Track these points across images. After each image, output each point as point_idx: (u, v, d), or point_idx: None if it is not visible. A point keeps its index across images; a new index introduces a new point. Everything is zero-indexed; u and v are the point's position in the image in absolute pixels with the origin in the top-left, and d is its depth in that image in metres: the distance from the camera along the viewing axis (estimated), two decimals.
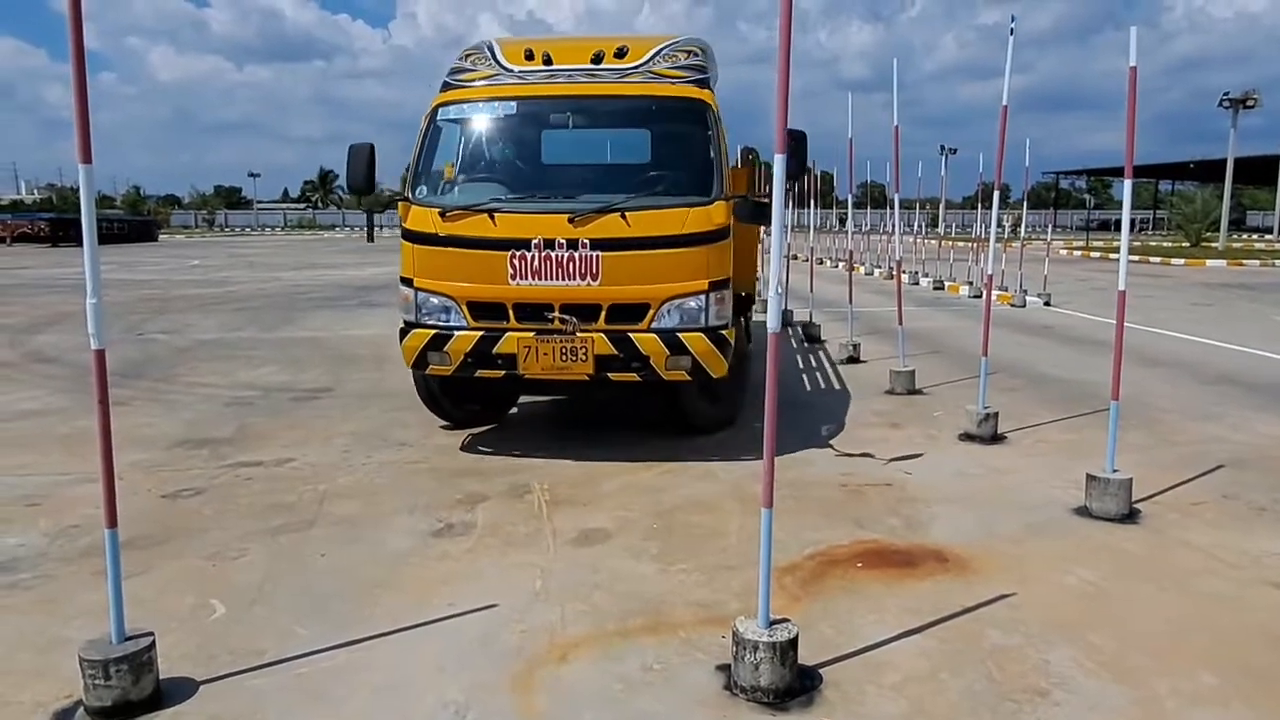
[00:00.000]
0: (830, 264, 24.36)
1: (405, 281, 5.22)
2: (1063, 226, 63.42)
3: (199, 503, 4.61)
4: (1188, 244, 36.70)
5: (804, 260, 15.84)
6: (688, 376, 5.11)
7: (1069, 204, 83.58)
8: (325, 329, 11.54)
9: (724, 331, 5.11)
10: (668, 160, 5.74)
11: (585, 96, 5.44)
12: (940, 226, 27.70)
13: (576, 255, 4.90)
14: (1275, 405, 6.92)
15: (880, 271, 21.76)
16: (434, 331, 5.11)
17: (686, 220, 4.98)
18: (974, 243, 19.71)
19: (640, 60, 5.44)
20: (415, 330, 5.17)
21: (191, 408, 6.90)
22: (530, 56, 5.51)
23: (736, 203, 5.15)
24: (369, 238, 47.45)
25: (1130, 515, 4.33)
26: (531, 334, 4.99)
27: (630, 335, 4.97)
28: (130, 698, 2.62)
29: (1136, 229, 59.64)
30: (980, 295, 14.64)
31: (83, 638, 2.78)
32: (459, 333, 5.07)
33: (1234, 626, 3.24)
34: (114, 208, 72.23)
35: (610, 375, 5.06)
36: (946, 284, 18.14)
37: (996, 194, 6.53)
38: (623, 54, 5.47)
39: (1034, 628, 3.19)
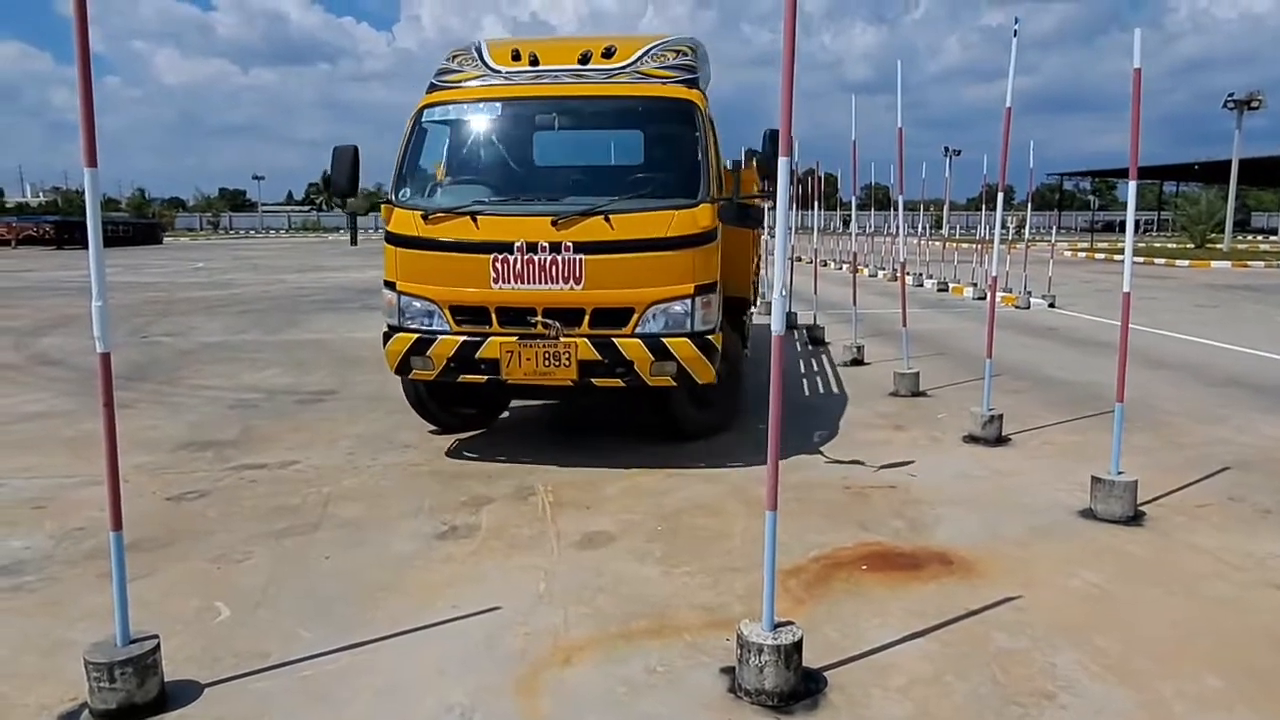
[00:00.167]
0: (834, 266, 24.39)
1: (389, 285, 5.16)
2: (1067, 228, 63.27)
3: (203, 505, 4.62)
4: (1192, 245, 36.61)
5: (808, 262, 15.89)
6: (673, 382, 5.01)
7: (1073, 205, 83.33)
8: (330, 331, 11.56)
9: (710, 337, 5.00)
10: (655, 161, 5.67)
11: (571, 97, 5.38)
12: (944, 228, 27.71)
13: (559, 258, 4.83)
14: None
15: (884, 273, 21.76)
16: (417, 336, 5.04)
17: (672, 223, 4.89)
18: (978, 244, 19.69)
19: (628, 60, 5.38)
20: (398, 334, 5.10)
21: (196, 410, 6.92)
22: (517, 57, 5.45)
23: (721, 205, 5.05)
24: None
25: (1135, 518, 4.32)
26: (514, 339, 4.92)
27: (614, 340, 4.87)
28: (135, 700, 2.63)
29: (1141, 230, 59.52)
30: (984, 297, 14.61)
31: (88, 640, 2.79)
32: (442, 337, 5.00)
33: (1239, 629, 3.23)
34: (119, 210, 72.53)
35: (594, 381, 4.96)
36: (951, 286, 18.12)
37: (1001, 195, 6.52)
38: (610, 54, 5.41)
39: (1039, 630, 3.18)
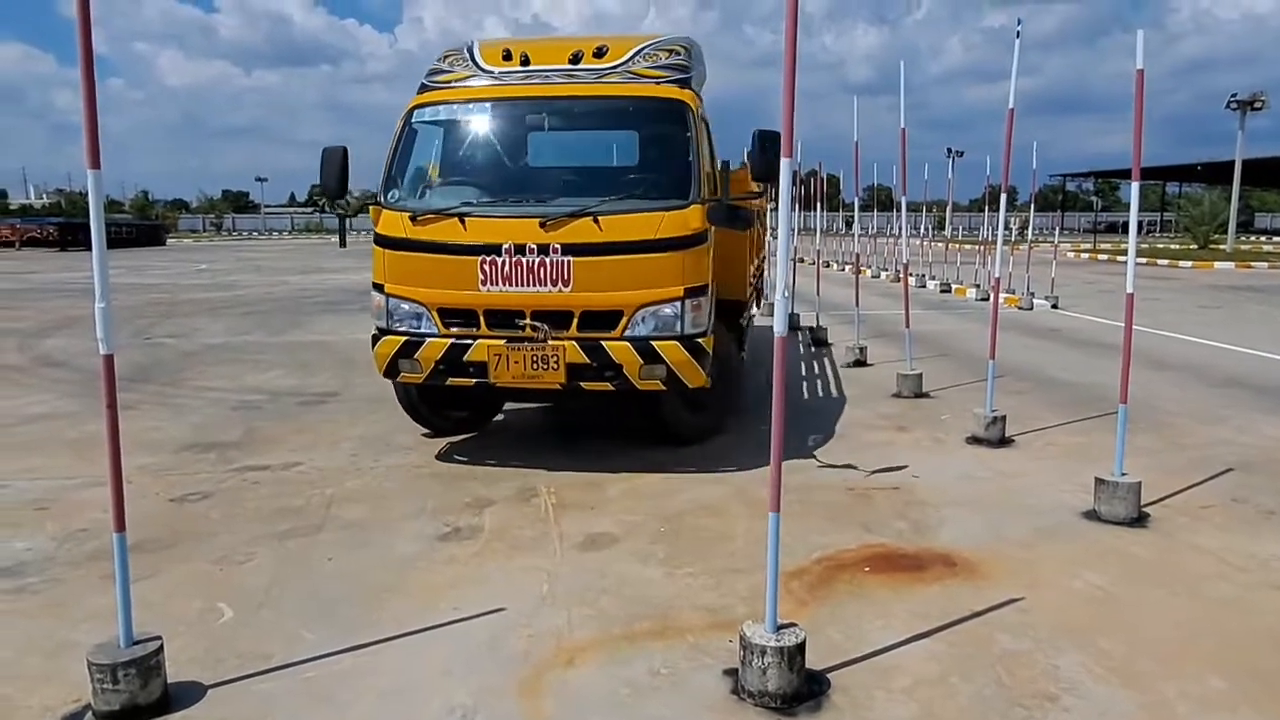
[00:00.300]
0: (837, 267, 24.38)
1: (377, 287, 5.12)
2: (1070, 229, 63.26)
3: (206, 506, 4.62)
4: (1195, 246, 36.58)
5: (810, 264, 15.90)
6: (663, 386, 4.95)
7: (1076, 206, 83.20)
8: (333, 333, 11.57)
9: (701, 340, 4.94)
10: (646, 162, 5.63)
11: (561, 97, 5.33)
12: (947, 229, 27.70)
13: (548, 261, 4.78)
14: None
15: (887, 274, 21.74)
16: (405, 338, 5.00)
17: (661, 224, 4.84)
18: (981, 245, 19.68)
19: (619, 60, 5.33)
20: (386, 337, 5.06)
21: (199, 411, 6.93)
22: (508, 57, 5.42)
23: (710, 206, 5.01)
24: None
25: (1139, 519, 4.31)
26: (502, 342, 4.88)
27: (603, 343, 4.83)
28: (138, 701, 2.63)
29: (1144, 231, 59.41)
30: (987, 298, 14.59)
31: (91, 641, 2.79)
32: (430, 340, 4.96)
33: (1242, 630, 3.22)
34: (122, 212, 72.81)
35: (583, 385, 4.93)
36: (953, 287, 18.11)
37: (1004, 196, 6.52)
38: (602, 54, 5.36)
39: (1043, 632, 3.18)
